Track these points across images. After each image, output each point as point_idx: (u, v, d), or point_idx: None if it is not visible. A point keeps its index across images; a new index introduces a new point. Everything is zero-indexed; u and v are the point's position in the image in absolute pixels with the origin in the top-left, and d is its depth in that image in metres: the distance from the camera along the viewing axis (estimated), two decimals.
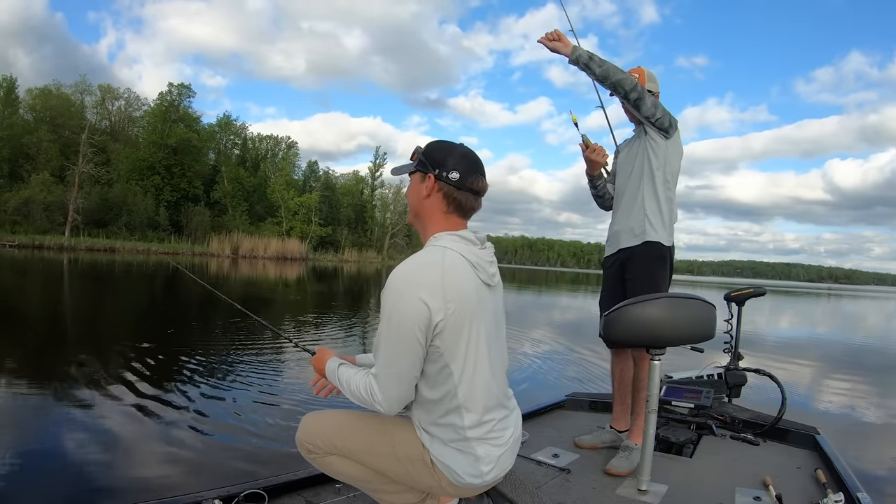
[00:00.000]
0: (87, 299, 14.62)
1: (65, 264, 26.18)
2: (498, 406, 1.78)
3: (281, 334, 3.76)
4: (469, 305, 1.66)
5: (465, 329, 1.66)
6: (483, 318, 1.72)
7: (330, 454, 1.86)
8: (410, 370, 1.66)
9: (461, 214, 1.78)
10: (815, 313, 29.93)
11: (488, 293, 1.76)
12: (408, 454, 1.76)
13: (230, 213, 56.47)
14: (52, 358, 6.70)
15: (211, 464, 3.77)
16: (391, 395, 1.68)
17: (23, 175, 44.49)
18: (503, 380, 1.83)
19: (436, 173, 1.75)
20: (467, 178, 1.75)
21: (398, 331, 1.62)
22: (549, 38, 2.83)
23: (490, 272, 1.77)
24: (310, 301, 18.07)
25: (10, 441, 3.90)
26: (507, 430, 1.79)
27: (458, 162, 1.76)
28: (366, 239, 70.28)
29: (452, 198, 1.75)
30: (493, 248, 1.84)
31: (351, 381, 1.78)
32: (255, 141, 68.77)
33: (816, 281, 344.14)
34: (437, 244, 1.72)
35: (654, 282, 2.90)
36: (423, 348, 1.64)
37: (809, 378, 8.95)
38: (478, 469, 1.71)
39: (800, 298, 49.67)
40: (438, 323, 1.61)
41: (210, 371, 6.33)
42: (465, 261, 1.69)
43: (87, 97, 54.86)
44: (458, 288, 1.64)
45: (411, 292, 1.60)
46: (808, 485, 2.64)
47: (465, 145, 1.81)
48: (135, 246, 43.09)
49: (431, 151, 1.79)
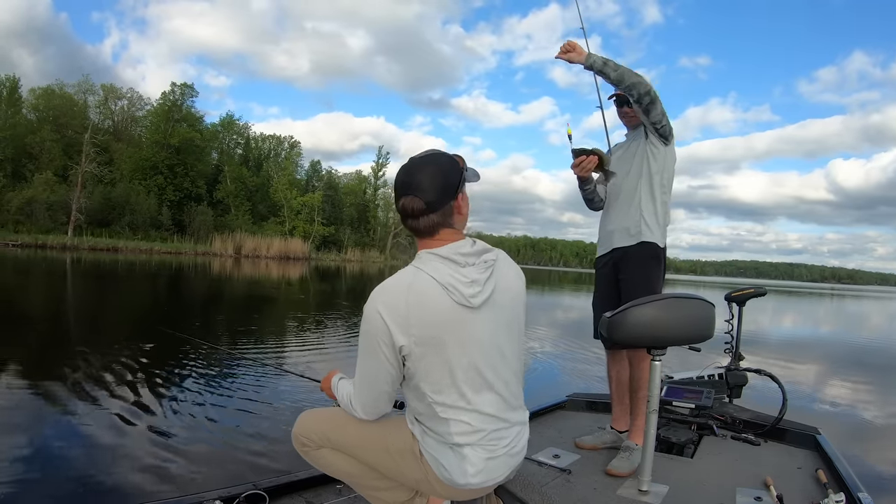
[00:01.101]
0: (89, 298, 14.63)
1: (68, 264, 26.22)
2: (492, 419, 1.73)
3: (287, 370, 3.68)
4: (437, 330, 1.63)
5: (437, 354, 1.64)
6: (463, 340, 1.66)
7: (322, 447, 1.88)
8: (381, 385, 1.71)
9: (423, 236, 1.73)
10: (817, 313, 29.89)
11: (471, 314, 1.66)
12: (398, 447, 1.78)
13: (233, 212, 56.64)
14: (52, 358, 6.69)
15: (212, 465, 3.77)
16: (365, 402, 1.77)
17: (26, 175, 44.65)
18: (502, 396, 1.75)
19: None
20: (397, 205, 1.72)
21: (367, 346, 1.68)
22: (565, 50, 2.85)
23: (467, 293, 1.64)
24: (312, 301, 18.09)
25: (10, 441, 3.89)
26: (502, 440, 1.75)
27: (395, 190, 1.74)
28: (368, 238, 70.27)
29: (406, 227, 1.74)
30: (487, 263, 1.72)
31: (342, 390, 1.88)
32: (258, 140, 68.93)
33: (819, 281, 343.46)
34: (415, 263, 1.71)
35: (650, 282, 2.90)
36: (391, 366, 1.66)
37: (810, 378, 8.93)
38: (463, 468, 1.70)
39: (802, 299, 49.60)
40: (402, 347, 1.63)
41: (212, 372, 6.34)
42: (436, 283, 1.64)
43: (90, 97, 55.40)
44: (422, 315, 1.62)
45: (377, 315, 1.63)
46: (809, 485, 2.63)
47: (412, 158, 1.74)
48: (138, 245, 43.16)
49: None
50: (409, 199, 1.67)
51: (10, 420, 4.36)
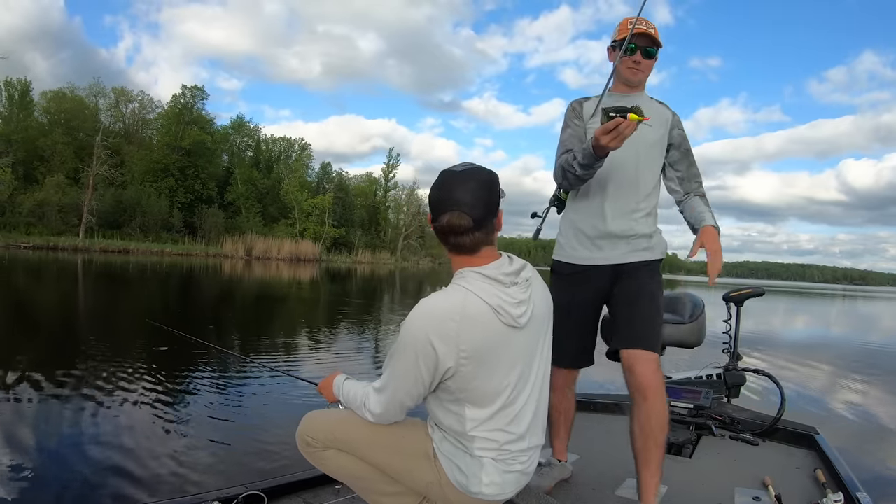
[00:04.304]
0: (101, 299, 14.65)
1: (79, 265, 26.34)
2: (518, 439, 1.70)
3: (285, 372, 3.63)
4: (485, 352, 1.60)
5: (483, 374, 1.62)
6: (508, 360, 1.65)
7: (328, 448, 1.83)
8: (405, 399, 1.68)
9: (466, 253, 1.67)
10: (824, 315, 29.52)
11: (516, 335, 1.65)
12: (412, 448, 1.75)
13: (244, 214, 56.77)
14: (57, 358, 6.69)
15: (210, 466, 3.75)
16: (385, 412, 1.72)
17: (37, 177, 44.95)
18: (532, 417, 1.73)
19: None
20: (439, 222, 1.64)
21: (405, 363, 1.62)
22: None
23: (515, 314, 1.63)
24: (322, 303, 18.06)
25: (11, 442, 3.89)
26: (521, 456, 1.73)
27: (432, 205, 1.67)
28: (379, 240, 70.05)
29: (446, 243, 1.68)
30: (527, 281, 1.70)
31: (350, 390, 1.83)
32: (269, 143, 68.98)
33: (831, 282, 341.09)
34: (460, 282, 1.65)
35: (660, 311, 2.42)
36: (424, 387, 1.63)
37: (809, 378, 8.82)
38: (478, 476, 1.66)
39: (812, 300, 49.09)
40: (449, 369, 1.59)
41: (211, 373, 6.33)
42: (487, 306, 1.60)
43: (100, 100, 55.56)
44: (474, 339, 1.58)
45: (424, 336, 1.57)
46: (808, 485, 2.63)
47: (445, 171, 1.67)
48: (149, 247, 43.35)
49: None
50: (455, 215, 1.60)
51: (9, 420, 4.36)
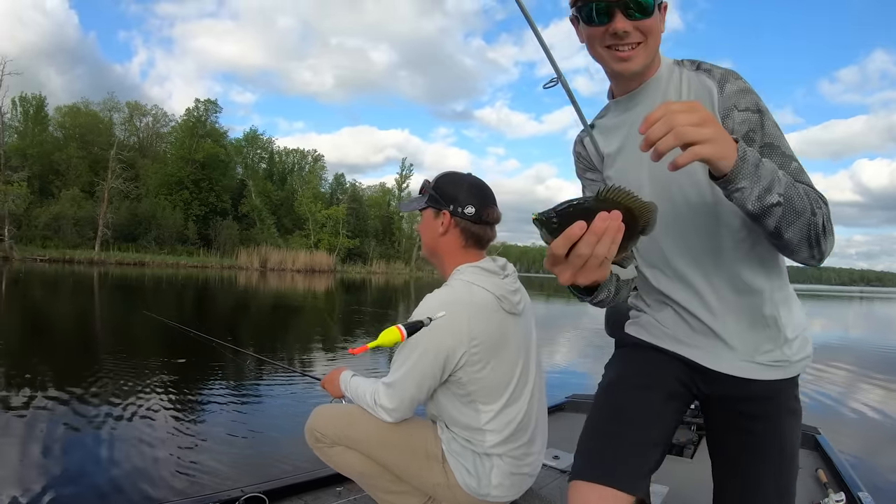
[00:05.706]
0: (116, 311, 14.56)
1: (95, 278, 26.15)
2: (522, 432, 1.73)
3: (285, 367, 3.61)
4: (493, 340, 1.65)
5: (493, 362, 1.66)
6: (510, 348, 1.71)
7: (337, 444, 1.82)
8: (416, 393, 1.69)
9: (479, 247, 1.78)
10: (836, 317, 28.81)
11: (514, 322, 1.74)
12: (421, 449, 1.75)
13: (258, 226, 56.66)
14: (69, 367, 6.60)
15: (211, 467, 3.73)
16: (398, 407, 1.71)
17: (53, 191, 45.29)
18: (535, 407, 1.78)
19: (450, 209, 1.73)
20: (482, 212, 1.74)
21: (416, 357, 1.63)
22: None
23: (514, 301, 1.74)
24: (337, 310, 17.94)
25: (13, 445, 3.89)
26: (528, 457, 1.75)
27: (470, 195, 1.74)
28: (393, 250, 70.34)
29: (470, 233, 1.74)
30: (515, 272, 1.82)
31: (359, 385, 1.84)
32: (282, 155, 69.20)
33: (848, 284, 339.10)
34: (461, 278, 1.71)
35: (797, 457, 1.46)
36: (436, 380, 1.66)
37: (810, 378, 8.38)
38: (487, 478, 1.68)
39: (827, 302, 48.04)
40: (460, 358, 1.62)
41: (213, 376, 6.39)
42: (491, 295, 1.68)
43: (115, 114, 56.14)
44: (484, 327, 1.64)
45: (436, 331, 1.59)
46: (810, 485, 2.65)
47: (472, 175, 1.80)
48: (164, 260, 43.38)
49: (442, 186, 1.77)
50: (496, 210, 1.80)
51: (10, 423, 4.35)
